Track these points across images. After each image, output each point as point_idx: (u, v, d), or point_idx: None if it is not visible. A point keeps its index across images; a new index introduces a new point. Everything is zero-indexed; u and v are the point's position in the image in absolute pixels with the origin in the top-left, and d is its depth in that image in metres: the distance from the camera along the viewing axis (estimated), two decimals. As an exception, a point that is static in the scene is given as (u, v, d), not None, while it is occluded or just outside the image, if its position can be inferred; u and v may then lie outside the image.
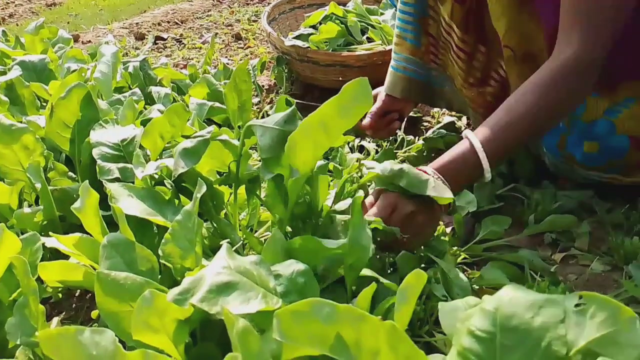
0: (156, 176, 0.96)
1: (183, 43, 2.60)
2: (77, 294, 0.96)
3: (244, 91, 0.95)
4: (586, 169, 1.02)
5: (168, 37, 2.70)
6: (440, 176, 0.85)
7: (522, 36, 0.94)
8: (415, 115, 1.48)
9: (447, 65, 1.16)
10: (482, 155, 0.86)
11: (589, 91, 0.91)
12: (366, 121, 1.27)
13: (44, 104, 1.43)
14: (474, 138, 0.87)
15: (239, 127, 1.14)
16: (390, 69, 1.25)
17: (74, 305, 0.95)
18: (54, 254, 0.90)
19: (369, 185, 1.01)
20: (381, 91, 1.29)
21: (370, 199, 0.88)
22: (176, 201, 0.90)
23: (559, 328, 0.45)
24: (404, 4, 1.16)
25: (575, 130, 0.99)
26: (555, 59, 0.89)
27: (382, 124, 1.29)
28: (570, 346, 0.44)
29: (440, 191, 0.82)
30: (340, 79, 1.61)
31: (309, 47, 1.68)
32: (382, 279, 0.72)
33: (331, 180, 1.00)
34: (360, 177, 1.05)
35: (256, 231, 1.01)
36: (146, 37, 2.72)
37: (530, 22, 0.93)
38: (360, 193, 0.77)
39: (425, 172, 0.88)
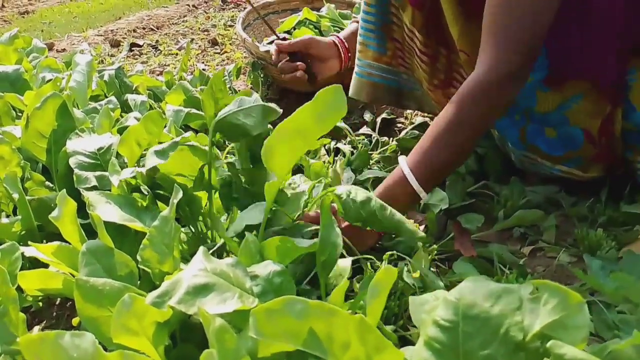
0: (133, 183, 0.97)
1: (159, 49, 2.60)
2: (57, 303, 0.97)
3: (221, 99, 0.98)
4: (549, 160, 1.06)
5: (144, 43, 2.70)
6: None
7: (473, 41, 0.98)
8: (388, 117, 1.51)
9: (414, 68, 1.19)
10: (412, 179, 0.91)
11: (510, 102, 0.94)
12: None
13: (20, 114, 1.43)
14: (404, 164, 0.92)
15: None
16: (354, 75, 1.27)
17: (54, 313, 0.95)
18: (33, 263, 0.90)
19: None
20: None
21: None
22: (153, 207, 0.91)
23: (516, 315, 0.48)
24: (366, 13, 1.18)
25: (534, 120, 1.03)
26: (474, 74, 0.92)
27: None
28: (527, 331, 0.47)
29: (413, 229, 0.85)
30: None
31: (283, 52, 1.69)
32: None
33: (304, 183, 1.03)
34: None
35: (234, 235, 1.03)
36: (121, 44, 2.71)
37: (478, 27, 0.97)
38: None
39: None
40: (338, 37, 1.38)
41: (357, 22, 1.31)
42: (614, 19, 0.92)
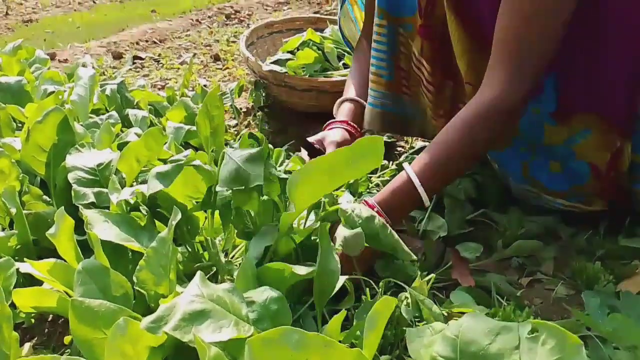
0: (132, 202, 0.97)
1: (161, 63, 2.61)
2: (49, 319, 0.96)
3: (216, 117, 0.98)
4: (550, 195, 1.05)
5: (146, 56, 2.71)
6: (381, 210, 0.92)
7: (481, 73, 0.99)
8: (389, 141, 1.51)
9: (418, 96, 1.20)
10: (420, 189, 0.93)
11: (514, 126, 0.97)
12: None
13: (20, 125, 1.43)
14: (412, 173, 0.94)
15: (212, 151, 1.16)
16: (368, 106, 1.26)
17: (46, 330, 0.94)
18: (27, 279, 0.90)
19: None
20: (330, 136, 1.25)
21: None
22: (151, 227, 0.91)
23: (513, 354, 0.47)
24: (377, 42, 1.19)
25: (539, 152, 1.03)
26: (481, 96, 0.94)
27: None
28: (525, 372, 0.47)
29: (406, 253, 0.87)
30: (316, 103, 1.64)
31: (286, 72, 1.71)
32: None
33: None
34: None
35: (232, 256, 1.03)
36: (123, 56, 2.72)
37: (486, 59, 0.97)
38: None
39: (372, 206, 0.93)
40: (348, 123, 1.29)
41: (350, 100, 1.29)
42: (625, 52, 0.92)
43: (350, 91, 1.32)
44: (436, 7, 1.06)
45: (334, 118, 1.31)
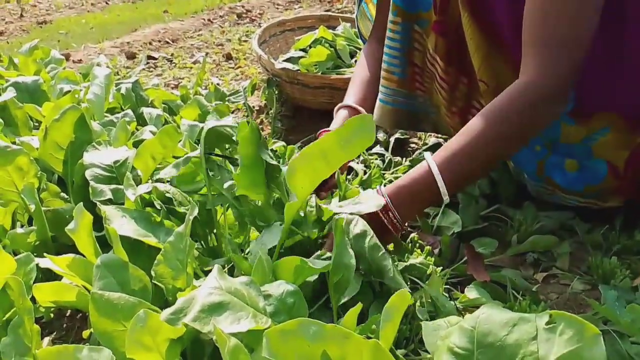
0: (147, 198, 0.98)
1: (174, 62, 2.63)
2: (67, 314, 0.98)
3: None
4: (566, 193, 1.05)
5: (159, 56, 2.73)
6: (390, 202, 0.87)
7: (494, 71, 0.97)
8: (402, 137, 1.51)
9: (432, 93, 1.19)
10: (439, 178, 0.87)
11: (550, 118, 0.92)
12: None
13: (37, 124, 1.45)
14: (432, 162, 0.89)
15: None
16: (378, 102, 1.25)
17: (64, 325, 0.96)
18: (46, 274, 0.91)
19: None
20: None
21: None
22: (167, 222, 0.92)
23: (531, 344, 0.48)
24: (391, 40, 1.17)
25: (556, 150, 1.02)
26: (515, 85, 0.89)
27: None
28: (542, 362, 0.47)
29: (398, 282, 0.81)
30: (329, 101, 1.65)
31: (299, 70, 1.71)
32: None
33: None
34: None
35: (248, 251, 1.03)
36: (137, 56, 2.75)
37: (500, 56, 0.96)
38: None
39: (382, 195, 0.88)
40: None
41: (346, 107, 1.24)
42: None
43: (348, 97, 1.28)
44: (451, 3, 1.05)
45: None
